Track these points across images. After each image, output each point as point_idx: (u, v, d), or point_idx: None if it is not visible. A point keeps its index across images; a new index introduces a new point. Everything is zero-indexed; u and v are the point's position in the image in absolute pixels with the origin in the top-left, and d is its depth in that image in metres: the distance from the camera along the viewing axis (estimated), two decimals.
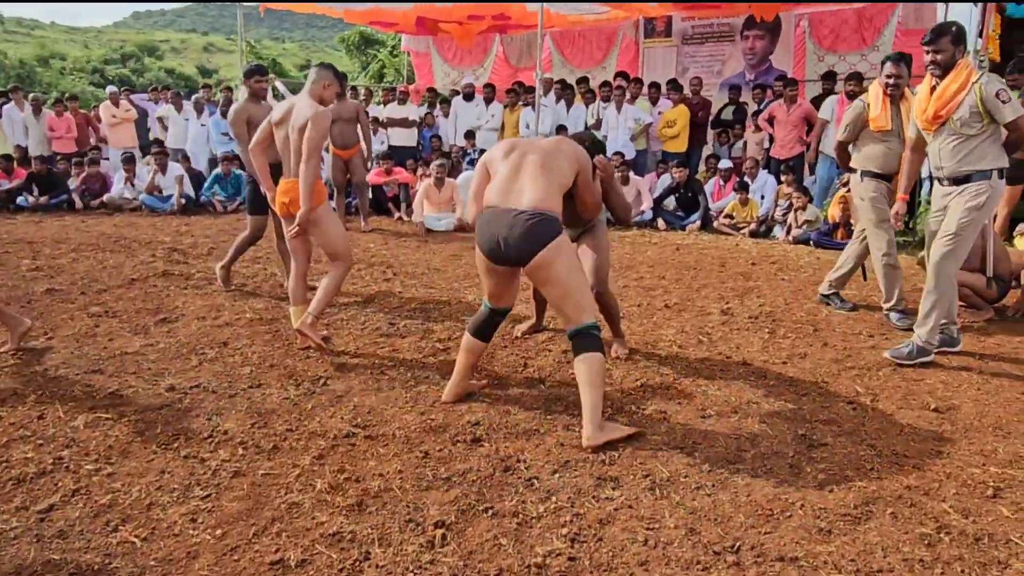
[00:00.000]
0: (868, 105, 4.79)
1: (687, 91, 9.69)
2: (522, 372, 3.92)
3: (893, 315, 4.85)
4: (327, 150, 8.36)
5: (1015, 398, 3.64)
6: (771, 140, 8.99)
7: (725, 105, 9.96)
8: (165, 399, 3.53)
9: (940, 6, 10.50)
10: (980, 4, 7.03)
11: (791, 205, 7.77)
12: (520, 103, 10.25)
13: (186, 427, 3.23)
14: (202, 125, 10.60)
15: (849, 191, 7.06)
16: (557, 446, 3.07)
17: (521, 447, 3.07)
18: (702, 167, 9.74)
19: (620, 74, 10.50)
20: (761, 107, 9.23)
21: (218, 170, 9.73)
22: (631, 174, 8.76)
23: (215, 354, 4.15)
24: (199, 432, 3.19)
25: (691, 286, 5.84)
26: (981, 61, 7.14)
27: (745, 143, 9.55)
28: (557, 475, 2.85)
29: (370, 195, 9.02)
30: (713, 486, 2.75)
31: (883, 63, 4.76)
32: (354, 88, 13.69)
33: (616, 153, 8.86)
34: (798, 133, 8.60)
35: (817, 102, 8.70)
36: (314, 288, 4.47)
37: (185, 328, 4.62)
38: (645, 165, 9.74)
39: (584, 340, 3.12)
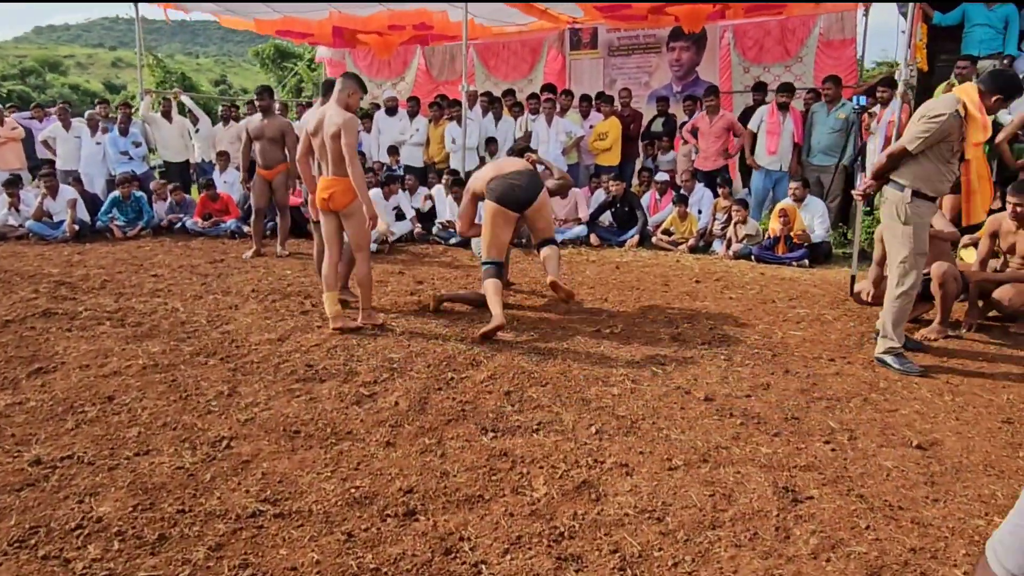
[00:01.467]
0: (965, 117, 3.92)
1: (617, 103, 9.42)
2: (461, 420, 3.44)
3: (889, 358, 4.17)
4: (237, 168, 7.70)
5: (996, 428, 3.37)
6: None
7: (655, 117, 9.74)
8: (27, 476, 2.89)
9: (861, 17, 10.64)
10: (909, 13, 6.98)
11: (729, 218, 7.54)
12: (445, 117, 9.78)
13: (49, 515, 2.62)
14: (97, 143, 9.68)
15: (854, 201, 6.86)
16: (506, 516, 2.60)
17: (464, 520, 2.58)
18: (635, 180, 9.47)
19: (548, 86, 10.17)
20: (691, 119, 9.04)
21: (116, 193, 8.89)
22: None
23: (96, 413, 3.51)
24: (66, 521, 2.58)
25: (636, 308, 5.47)
26: (911, 71, 7.09)
27: (675, 156, 9.34)
28: (508, 556, 2.37)
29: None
30: (693, 561, 2.33)
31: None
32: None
33: None
34: (722, 144, 8.41)
35: (749, 113, 8.56)
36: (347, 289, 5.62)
37: (63, 380, 3.94)
38: (577, 179, 9.40)
39: (550, 240, 5.14)
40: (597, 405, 3.60)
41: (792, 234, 6.91)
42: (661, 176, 8.61)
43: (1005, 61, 6.95)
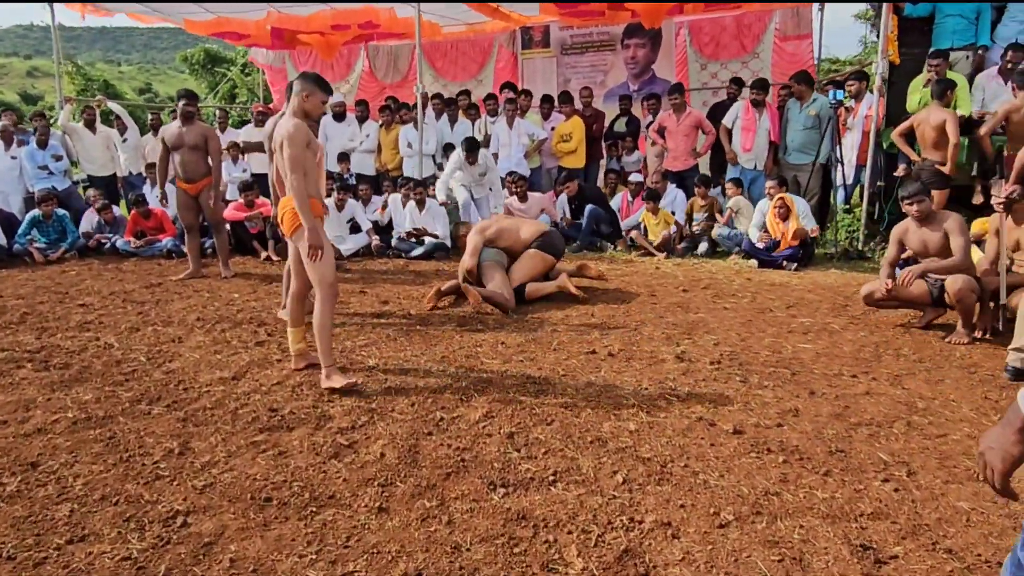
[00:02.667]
0: None
1: (578, 103, 9.02)
2: (462, 473, 2.93)
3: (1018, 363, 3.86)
4: (172, 182, 7.00)
5: None
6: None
7: (617, 116, 9.38)
8: None
9: (816, 12, 10.51)
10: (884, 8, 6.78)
11: (711, 217, 7.20)
12: (397, 120, 9.23)
13: None
14: (12, 158, 8.78)
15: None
16: None
17: None
18: (600, 182, 9.08)
19: (507, 85, 9.70)
20: (655, 118, 8.70)
21: (36, 212, 8.05)
22: (528, 192, 7.94)
23: (17, 485, 2.89)
24: None
25: (628, 324, 5.04)
26: (886, 64, 6.88)
27: (644, 157, 9.00)
28: None
29: (230, 233, 7.72)
30: None
31: None
32: (225, 111, 12.17)
33: (509, 173, 8.03)
34: (691, 143, 8.10)
35: (717, 109, 8.26)
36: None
37: None
38: (540, 184, 8.97)
39: None
40: (615, 446, 3.14)
41: (793, 230, 6.56)
42: (635, 177, 8.23)
43: (980, 52, 6.80)
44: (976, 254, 5.08)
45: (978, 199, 6.56)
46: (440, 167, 8.60)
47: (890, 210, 7.00)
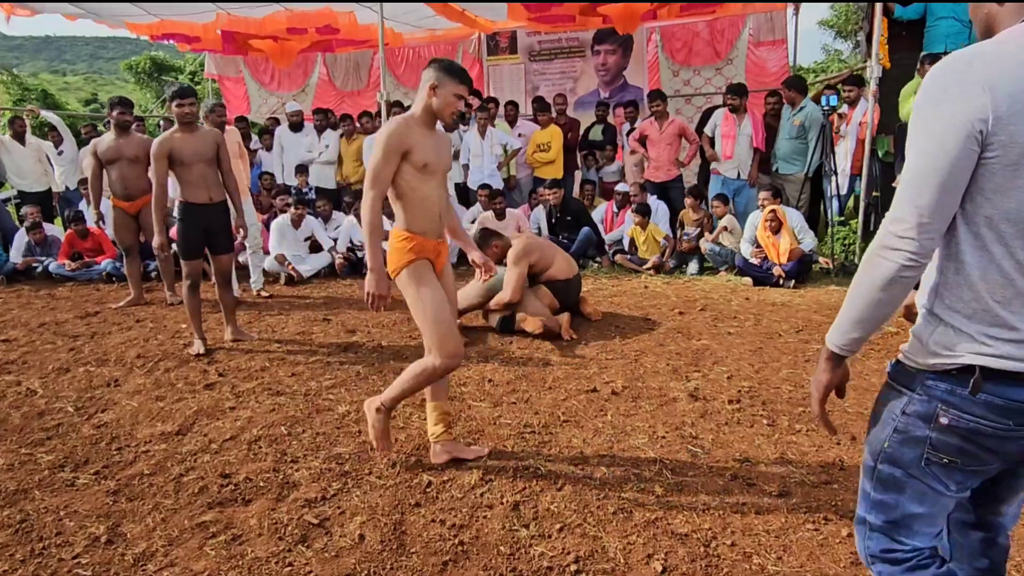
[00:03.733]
0: None
1: (553, 111, 8.52)
2: (462, 563, 2.38)
3: None
4: (108, 197, 6.31)
5: None
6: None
7: (592, 124, 8.92)
8: None
9: (791, 17, 10.24)
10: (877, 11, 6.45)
11: (701, 232, 6.77)
12: (359, 130, 8.63)
13: None
14: None
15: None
16: None
17: None
18: (576, 194, 8.60)
19: (473, 93, 9.16)
20: (635, 126, 8.26)
21: None
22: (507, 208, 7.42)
23: None
24: None
25: (627, 354, 4.54)
26: (880, 69, 6.55)
27: (620, 167, 8.56)
28: None
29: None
30: None
31: None
32: (140, 119, 11.45)
33: (483, 186, 7.51)
34: (674, 152, 7.66)
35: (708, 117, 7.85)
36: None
37: None
38: (510, 197, 8.45)
39: None
40: (643, 517, 2.62)
41: (788, 245, 6.15)
42: (622, 187, 7.76)
43: None
44: None
45: None
46: None
47: None
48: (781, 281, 6.11)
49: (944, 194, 1.27)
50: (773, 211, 6.20)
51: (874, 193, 6.58)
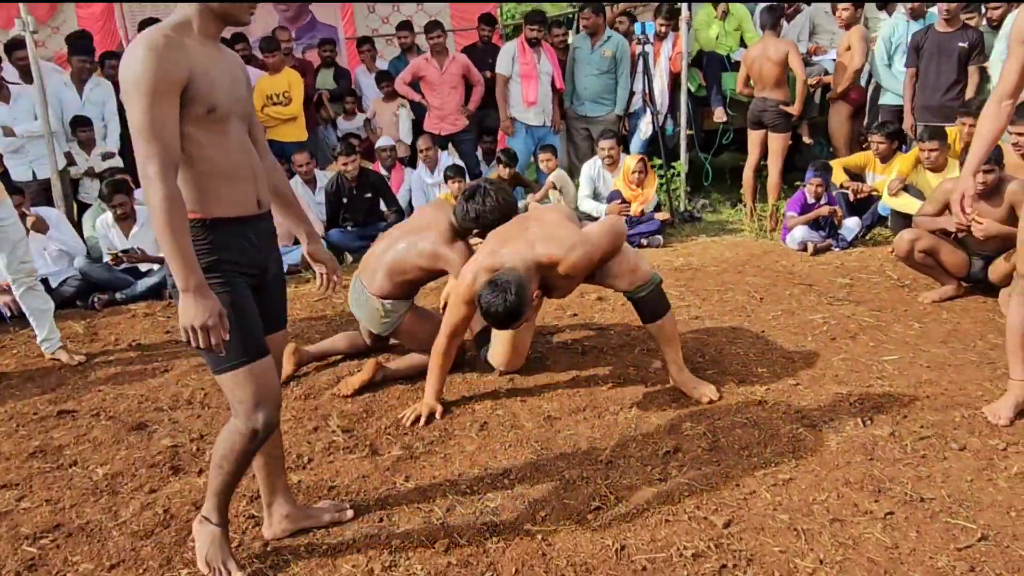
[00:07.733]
0: None
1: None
2: None
3: None
4: None
5: None
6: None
7: (318, 67, 7.00)
8: None
9: None
10: None
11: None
12: None
13: None
14: None
15: None
16: None
17: None
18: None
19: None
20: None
21: None
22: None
23: None
24: None
25: (587, 374, 3.24)
26: None
27: (363, 119, 6.80)
28: None
29: None
30: None
31: None
32: None
33: None
34: (459, 97, 6.26)
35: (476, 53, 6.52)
36: None
37: None
38: None
39: None
40: None
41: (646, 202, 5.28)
42: (385, 141, 6.08)
43: None
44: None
45: (807, 139, 6.16)
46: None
47: (711, 162, 6.26)
48: (645, 243, 5.26)
49: None
50: (642, 160, 5.30)
51: (687, 131, 6.07)
